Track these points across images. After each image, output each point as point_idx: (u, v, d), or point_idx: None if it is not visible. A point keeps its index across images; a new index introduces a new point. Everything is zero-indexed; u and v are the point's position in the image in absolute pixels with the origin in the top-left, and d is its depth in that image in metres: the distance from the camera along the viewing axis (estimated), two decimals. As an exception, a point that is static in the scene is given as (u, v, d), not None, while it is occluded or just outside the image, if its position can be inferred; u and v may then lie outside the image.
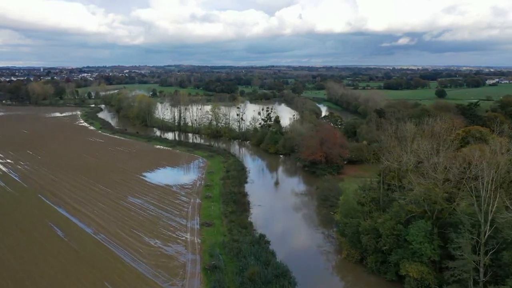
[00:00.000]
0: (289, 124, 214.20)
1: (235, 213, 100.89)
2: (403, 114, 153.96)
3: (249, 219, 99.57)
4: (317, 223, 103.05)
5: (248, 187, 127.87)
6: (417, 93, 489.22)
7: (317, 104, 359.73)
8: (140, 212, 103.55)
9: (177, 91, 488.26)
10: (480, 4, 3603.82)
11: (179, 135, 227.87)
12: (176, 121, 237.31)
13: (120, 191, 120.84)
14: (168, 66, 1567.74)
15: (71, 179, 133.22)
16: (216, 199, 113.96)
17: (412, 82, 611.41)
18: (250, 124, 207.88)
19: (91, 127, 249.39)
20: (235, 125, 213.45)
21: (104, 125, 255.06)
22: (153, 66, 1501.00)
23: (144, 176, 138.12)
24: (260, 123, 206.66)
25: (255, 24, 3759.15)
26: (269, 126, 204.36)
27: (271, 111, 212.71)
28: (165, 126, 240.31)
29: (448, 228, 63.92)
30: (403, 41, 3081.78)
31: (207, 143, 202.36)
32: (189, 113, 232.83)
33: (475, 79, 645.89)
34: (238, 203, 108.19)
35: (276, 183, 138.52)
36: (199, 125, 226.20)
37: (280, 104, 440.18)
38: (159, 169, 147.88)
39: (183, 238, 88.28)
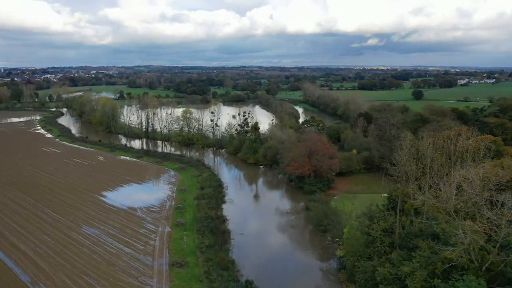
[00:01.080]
0: (268, 130, 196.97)
1: (213, 247, 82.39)
2: (397, 120, 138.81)
3: (230, 255, 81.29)
4: (312, 255, 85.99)
5: (226, 208, 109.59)
6: (392, 93, 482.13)
7: (294, 106, 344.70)
8: (95, 248, 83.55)
9: (146, 93, 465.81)
10: (446, 6, 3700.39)
11: (147, 143, 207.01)
12: (144, 127, 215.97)
13: (73, 217, 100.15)
14: (138, 66, 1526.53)
15: (12, 201, 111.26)
16: (190, 226, 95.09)
17: (386, 83, 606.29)
18: (226, 130, 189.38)
19: (48, 135, 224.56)
20: (209, 132, 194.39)
21: (64, 132, 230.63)
22: (121, 67, 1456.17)
23: (104, 196, 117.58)
24: (236, 129, 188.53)
25: (226, 24, 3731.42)
26: (246, 132, 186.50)
27: (248, 116, 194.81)
28: (132, 133, 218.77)
29: (504, 285, 47.62)
30: (372, 41, 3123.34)
31: (178, 153, 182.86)
32: (158, 118, 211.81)
33: (447, 79, 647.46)
34: (216, 232, 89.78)
35: (259, 202, 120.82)
36: (169, 131, 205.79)
37: (254, 106, 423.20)
38: (122, 186, 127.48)
39: (148, 287, 69.17)
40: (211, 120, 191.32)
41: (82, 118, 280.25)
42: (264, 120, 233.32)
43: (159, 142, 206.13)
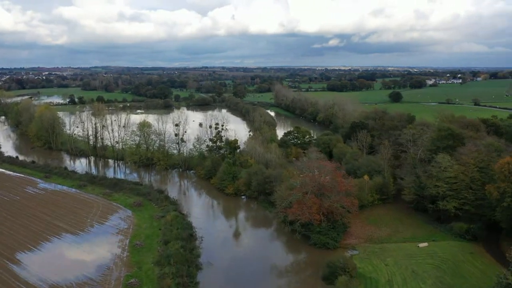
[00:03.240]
0: (245, 144, 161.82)
1: None
2: (425, 138, 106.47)
3: None
4: None
5: (204, 280, 73.47)
6: (365, 95, 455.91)
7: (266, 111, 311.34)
8: None
9: (101, 97, 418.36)
10: (405, 7, 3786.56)
11: (95, 163, 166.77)
12: (92, 142, 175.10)
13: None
14: (95, 67, 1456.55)
15: None
16: (147, 327, 58.66)
17: (357, 83, 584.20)
18: (194, 147, 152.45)
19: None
20: (173, 148, 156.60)
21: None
22: (77, 68, 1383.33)
23: (18, 262, 78.72)
24: (207, 145, 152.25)
25: (187, 24, 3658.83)
26: (220, 148, 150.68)
27: (222, 128, 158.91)
28: (77, 150, 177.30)
29: None
30: (333, 42, 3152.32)
31: (135, 176, 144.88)
32: (109, 131, 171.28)
33: (417, 80, 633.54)
34: None
35: (247, 257, 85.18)
36: (123, 147, 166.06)
37: (220, 110, 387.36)
38: (49, 241, 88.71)
39: None
40: (176, 135, 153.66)
41: (19, 129, 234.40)
42: (236, 128, 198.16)
43: (111, 162, 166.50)
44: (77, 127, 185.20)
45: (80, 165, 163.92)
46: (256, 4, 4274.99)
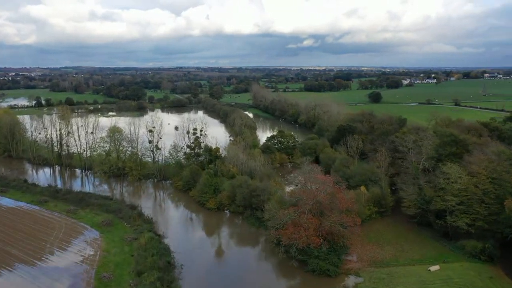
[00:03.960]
0: (225, 150, 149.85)
1: None
2: (428, 144, 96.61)
3: None
4: None
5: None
6: (343, 95, 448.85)
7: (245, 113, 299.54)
8: None
9: (70, 98, 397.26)
10: (378, 8, 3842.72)
11: (61, 173, 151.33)
12: (57, 149, 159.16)
13: None
14: (65, 68, 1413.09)
15: None
16: None
17: (334, 84, 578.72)
18: (170, 154, 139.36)
19: None
20: (147, 156, 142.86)
21: None
22: (47, 68, 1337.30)
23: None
24: (185, 152, 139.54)
25: (161, 24, 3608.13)
26: (198, 156, 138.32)
27: (201, 134, 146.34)
28: (40, 158, 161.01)
29: None
30: (307, 42, 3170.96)
31: (105, 187, 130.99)
32: (75, 137, 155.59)
33: (393, 80, 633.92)
34: None
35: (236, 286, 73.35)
36: (91, 154, 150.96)
37: (197, 111, 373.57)
38: (-2, 274, 74.54)
39: None
40: (150, 142, 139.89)
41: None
42: (215, 132, 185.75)
43: (78, 171, 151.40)
44: (40, 133, 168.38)
45: (44, 175, 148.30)
46: (231, 4, 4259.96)
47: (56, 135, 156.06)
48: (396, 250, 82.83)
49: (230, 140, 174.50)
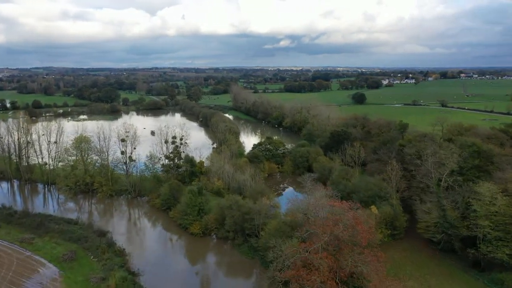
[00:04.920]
0: (208, 159, 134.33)
1: None
2: (452, 163, 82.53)
3: None
4: None
5: None
6: (325, 96, 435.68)
7: (225, 116, 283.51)
8: None
9: (37, 101, 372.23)
10: (354, 10, 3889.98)
11: (20, 189, 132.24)
12: (15, 160, 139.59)
13: None
14: (36, 68, 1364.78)
15: None
16: None
17: (315, 84, 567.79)
18: (146, 166, 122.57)
19: None
20: (119, 167, 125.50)
21: None
22: (16, 69, 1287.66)
23: None
24: (163, 164, 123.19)
25: (136, 23, 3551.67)
26: (178, 167, 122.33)
27: (181, 143, 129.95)
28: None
29: None
30: (284, 43, 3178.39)
31: (71, 207, 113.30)
32: (35, 148, 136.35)
33: (374, 80, 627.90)
34: None
35: None
36: (55, 166, 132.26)
37: (174, 114, 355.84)
38: None
39: None
40: (122, 153, 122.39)
41: None
42: (195, 137, 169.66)
43: (41, 187, 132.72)
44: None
45: (1, 191, 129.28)
46: (207, 4, 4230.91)
47: (14, 144, 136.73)
48: (421, 286, 68.90)
49: (213, 147, 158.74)
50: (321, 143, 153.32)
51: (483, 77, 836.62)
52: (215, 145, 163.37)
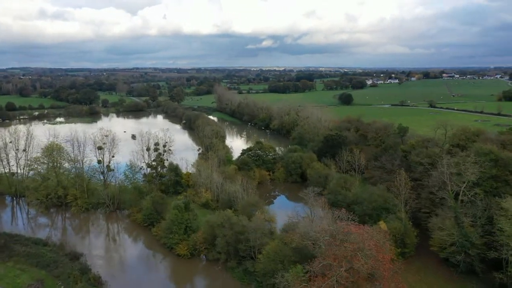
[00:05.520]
0: (193, 165, 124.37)
1: None
2: (473, 172, 73.65)
3: None
4: None
5: None
6: (310, 97, 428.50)
7: (209, 117, 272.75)
8: None
9: (11, 103, 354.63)
10: (336, 10, 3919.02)
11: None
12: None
13: None
14: (12, 69, 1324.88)
15: None
16: None
17: (300, 85, 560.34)
18: (126, 176, 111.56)
19: None
20: (95, 178, 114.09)
21: None
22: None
23: None
24: (144, 174, 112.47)
25: (116, 23, 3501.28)
26: (161, 176, 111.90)
27: (164, 151, 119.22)
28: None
29: None
30: (266, 43, 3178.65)
31: (42, 223, 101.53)
32: (1, 156, 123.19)
33: (358, 80, 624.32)
34: None
35: None
36: (25, 176, 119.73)
37: (156, 116, 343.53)
38: None
39: None
40: (99, 161, 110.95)
41: None
42: (178, 140, 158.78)
43: (9, 199, 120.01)
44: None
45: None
46: (189, 4, 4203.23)
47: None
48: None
49: (198, 153, 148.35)
50: (313, 148, 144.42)
51: (465, 77, 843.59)
52: (200, 150, 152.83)
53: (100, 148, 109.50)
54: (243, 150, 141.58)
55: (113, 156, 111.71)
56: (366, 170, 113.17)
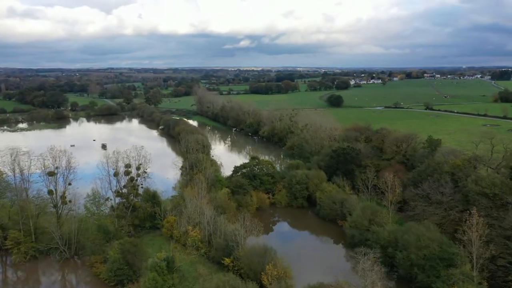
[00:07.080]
0: (175, 188, 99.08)
1: None
2: None
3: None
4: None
5: None
6: (295, 98, 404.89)
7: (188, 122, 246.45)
8: None
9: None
10: (313, 10, 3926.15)
11: None
12: None
13: None
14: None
15: None
16: None
17: (282, 85, 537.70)
18: (88, 209, 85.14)
19: None
20: (46, 212, 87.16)
21: None
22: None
23: None
24: (112, 206, 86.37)
25: (90, 22, 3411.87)
26: (134, 207, 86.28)
27: (138, 174, 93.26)
28: None
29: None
30: (244, 43, 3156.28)
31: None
32: None
33: (342, 80, 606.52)
34: None
35: None
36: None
37: (131, 120, 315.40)
38: None
39: None
40: (50, 192, 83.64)
41: None
42: (155, 149, 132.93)
43: None
44: None
45: None
46: (165, 3, 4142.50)
47: None
48: None
49: (181, 172, 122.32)
50: (319, 163, 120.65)
51: (445, 77, 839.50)
52: (181, 164, 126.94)
53: (51, 174, 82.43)
54: (235, 167, 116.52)
55: (69, 184, 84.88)
56: (399, 198, 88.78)
